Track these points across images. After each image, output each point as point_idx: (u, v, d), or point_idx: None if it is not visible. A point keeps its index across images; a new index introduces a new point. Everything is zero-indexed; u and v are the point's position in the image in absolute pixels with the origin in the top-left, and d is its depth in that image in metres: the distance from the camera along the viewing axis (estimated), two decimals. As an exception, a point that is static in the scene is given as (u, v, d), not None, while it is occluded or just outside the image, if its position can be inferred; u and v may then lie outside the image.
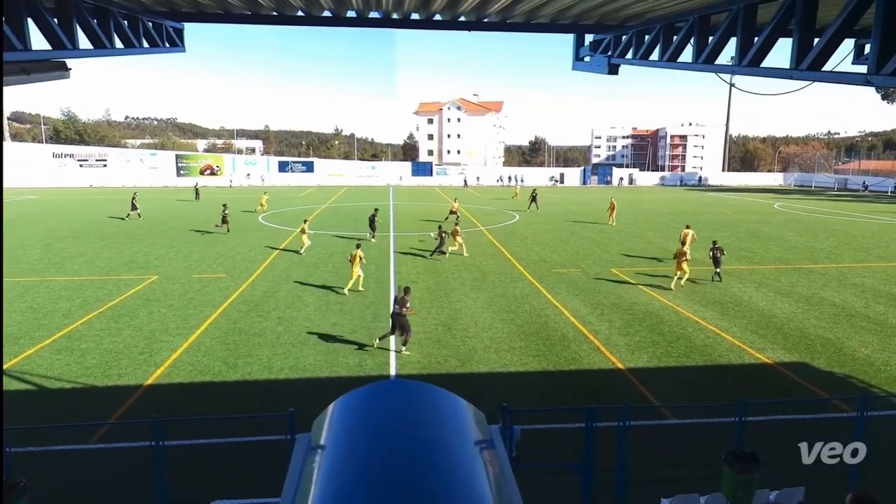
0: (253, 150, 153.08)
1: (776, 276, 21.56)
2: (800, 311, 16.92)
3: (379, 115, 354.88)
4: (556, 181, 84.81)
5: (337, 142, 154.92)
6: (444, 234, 25.15)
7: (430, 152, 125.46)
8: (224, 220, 31.58)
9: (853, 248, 28.39)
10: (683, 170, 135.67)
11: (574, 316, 16.20)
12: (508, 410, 6.24)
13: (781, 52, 8.45)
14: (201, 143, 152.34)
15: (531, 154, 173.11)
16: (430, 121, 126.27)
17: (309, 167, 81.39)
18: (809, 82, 8.18)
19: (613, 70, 12.38)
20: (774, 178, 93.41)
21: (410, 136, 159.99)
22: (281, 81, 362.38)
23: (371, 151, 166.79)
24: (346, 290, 18.35)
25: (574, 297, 18.37)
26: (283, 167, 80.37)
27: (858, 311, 16.98)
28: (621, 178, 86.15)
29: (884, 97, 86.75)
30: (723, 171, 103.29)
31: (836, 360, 13.10)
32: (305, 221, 27.64)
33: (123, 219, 36.83)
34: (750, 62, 8.57)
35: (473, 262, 23.75)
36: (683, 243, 22.12)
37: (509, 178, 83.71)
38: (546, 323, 15.56)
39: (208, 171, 76.69)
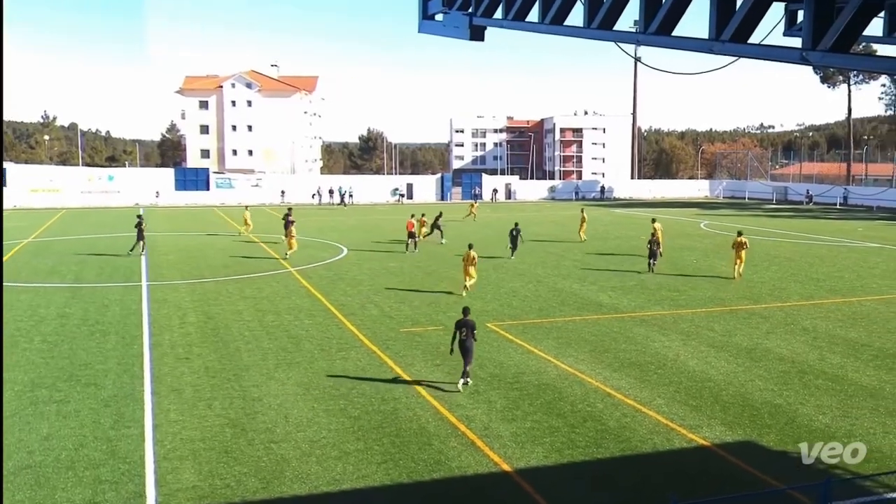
0: None
1: (708, 323, 23.75)
2: (741, 370, 18.74)
3: (119, 96, 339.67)
4: (401, 195, 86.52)
5: (48, 137, 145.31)
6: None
7: (206, 153, 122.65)
8: (140, 237, 37.51)
9: (799, 279, 32.25)
10: (580, 176, 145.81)
11: (436, 397, 16.43)
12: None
13: (699, 18, 9.48)
14: None
15: (363, 155, 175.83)
16: (204, 104, 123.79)
17: (-2, 177, 75.33)
18: (734, 58, 9.24)
19: (477, 34, 13.03)
20: (699, 188, 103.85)
21: (173, 129, 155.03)
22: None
23: (107, 152, 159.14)
24: (463, 293, 27.51)
25: (435, 367, 18.70)
26: (-51, 178, 73.47)
27: (812, 365, 19.21)
28: (495, 190, 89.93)
29: (824, 80, 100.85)
30: (632, 178, 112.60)
31: (789, 433, 14.63)
32: (424, 216, 38.18)
33: None
34: (658, 29, 9.47)
35: (280, 322, 23.39)
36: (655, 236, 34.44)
37: (330, 191, 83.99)
38: (395, 411, 15.63)
39: None
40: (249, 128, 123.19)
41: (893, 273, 34.20)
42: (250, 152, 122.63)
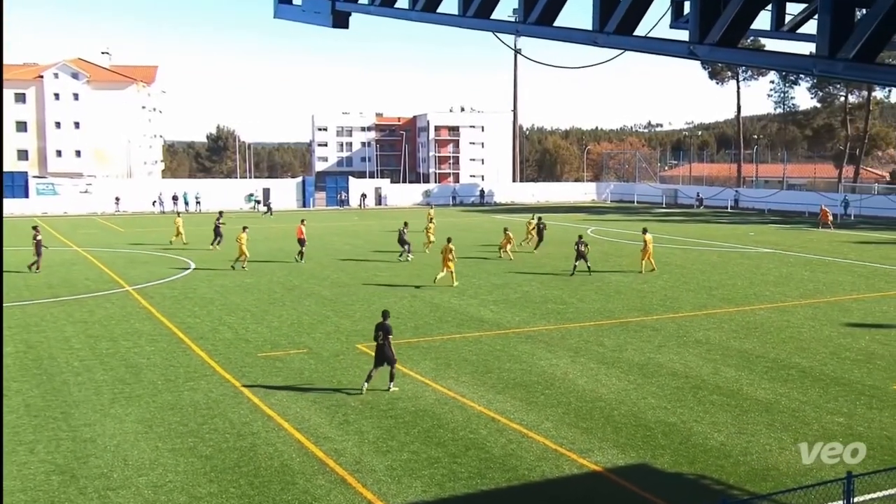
0: None
1: (597, 337, 24.49)
2: (632, 388, 19.40)
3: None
4: (258, 202, 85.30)
5: None
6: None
7: (24, 154, 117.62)
8: (38, 252, 37.60)
9: (691, 288, 33.74)
10: (457, 179, 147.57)
11: (301, 429, 16.26)
12: None
13: (583, 8, 9.78)
14: None
15: (212, 156, 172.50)
16: (21, 98, 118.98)
17: None
18: (619, 51, 9.58)
19: (341, 21, 13.00)
20: (585, 191, 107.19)
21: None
22: None
23: None
24: (435, 281, 32.48)
25: (299, 396, 18.49)
26: None
27: (706, 379, 20.10)
28: (364, 196, 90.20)
29: (712, 76, 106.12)
30: (514, 180, 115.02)
31: (683, 454, 15.25)
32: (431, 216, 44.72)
33: None
34: (539, 19, 9.72)
35: (116, 350, 22.71)
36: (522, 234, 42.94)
37: (174, 197, 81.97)
38: (254, 447, 15.39)
39: None
40: (76, 125, 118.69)
41: (787, 279, 36.25)
42: (78, 153, 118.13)
